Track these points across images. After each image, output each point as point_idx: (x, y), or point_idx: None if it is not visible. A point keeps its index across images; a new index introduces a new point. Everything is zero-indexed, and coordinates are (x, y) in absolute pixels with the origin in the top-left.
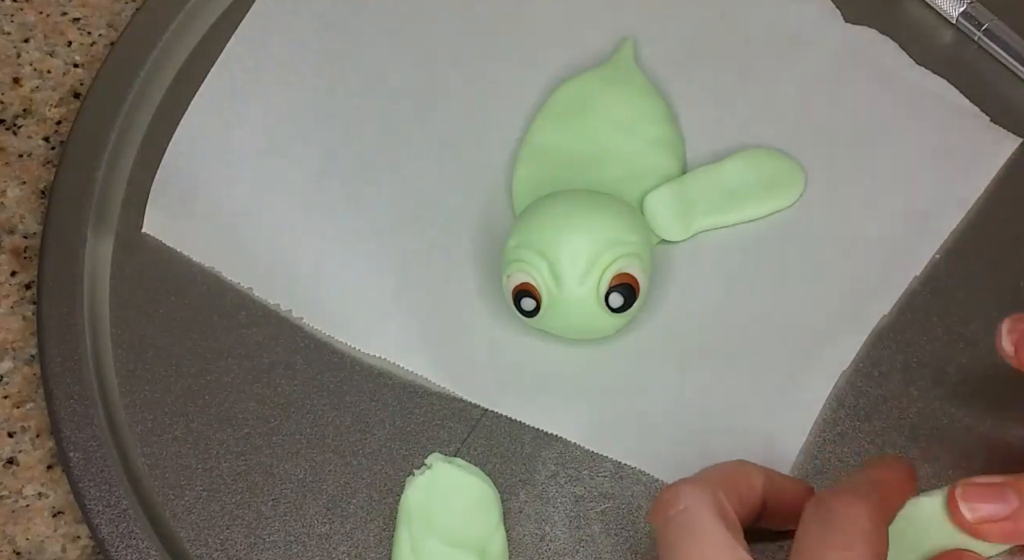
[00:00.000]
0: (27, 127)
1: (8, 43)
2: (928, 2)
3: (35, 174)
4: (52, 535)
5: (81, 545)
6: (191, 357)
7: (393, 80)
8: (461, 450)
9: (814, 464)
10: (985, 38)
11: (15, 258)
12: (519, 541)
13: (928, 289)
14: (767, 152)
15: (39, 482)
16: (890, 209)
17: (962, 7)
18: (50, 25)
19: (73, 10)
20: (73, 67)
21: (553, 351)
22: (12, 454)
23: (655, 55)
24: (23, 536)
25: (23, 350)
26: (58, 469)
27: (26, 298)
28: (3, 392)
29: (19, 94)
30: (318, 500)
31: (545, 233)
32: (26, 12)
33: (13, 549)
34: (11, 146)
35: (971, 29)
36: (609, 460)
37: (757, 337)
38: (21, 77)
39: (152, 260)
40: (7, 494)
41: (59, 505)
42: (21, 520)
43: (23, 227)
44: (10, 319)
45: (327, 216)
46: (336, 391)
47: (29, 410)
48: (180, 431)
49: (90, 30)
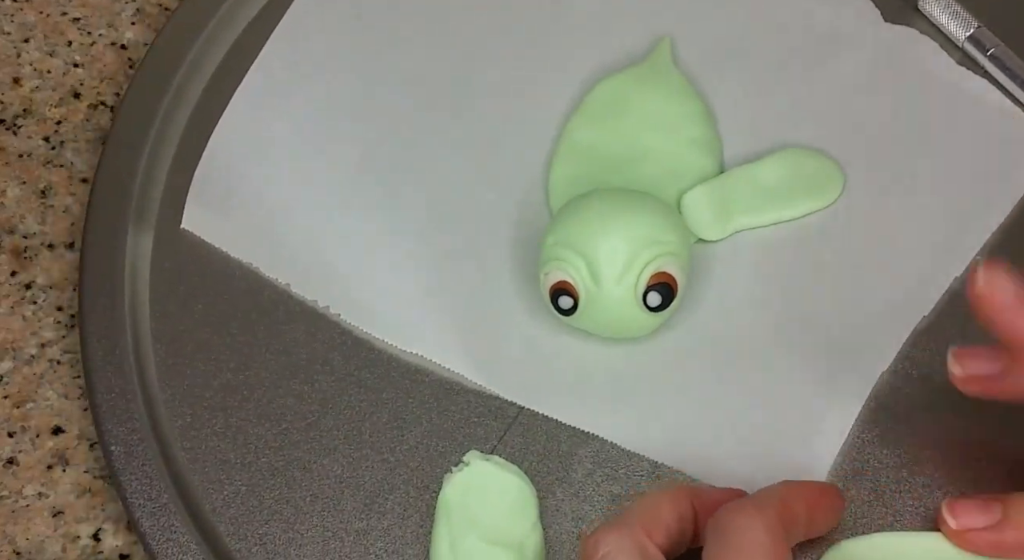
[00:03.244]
0: (27, 127)
1: (8, 43)
2: (936, 24)
3: (35, 174)
4: (52, 535)
5: (81, 545)
6: (230, 352)
7: (430, 78)
8: (497, 448)
9: (854, 466)
10: (991, 63)
11: (15, 258)
12: (556, 539)
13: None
14: (805, 152)
15: (39, 482)
16: (930, 209)
17: (969, 31)
18: (50, 25)
19: (73, 10)
20: (73, 67)
21: (590, 350)
22: (12, 454)
23: (692, 54)
24: (23, 536)
25: (23, 350)
26: (58, 469)
27: (26, 298)
28: (3, 392)
29: (19, 94)
30: (356, 496)
31: (583, 231)
32: (26, 12)
33: (13, 549)
34: (11, 146)
35: (977, 53)
36: (646, 459)
37: (795, 337)
38: (21, 77)
39: (191, 256)
40: (7, 494)
41: (59, 505)
42: (21, 520)
43: (23, 227)
44: (10, 319)
45: (364, 213)
46: (373, 388)
47: (29, 410)
48: (219, 426)
49: (90, 30)
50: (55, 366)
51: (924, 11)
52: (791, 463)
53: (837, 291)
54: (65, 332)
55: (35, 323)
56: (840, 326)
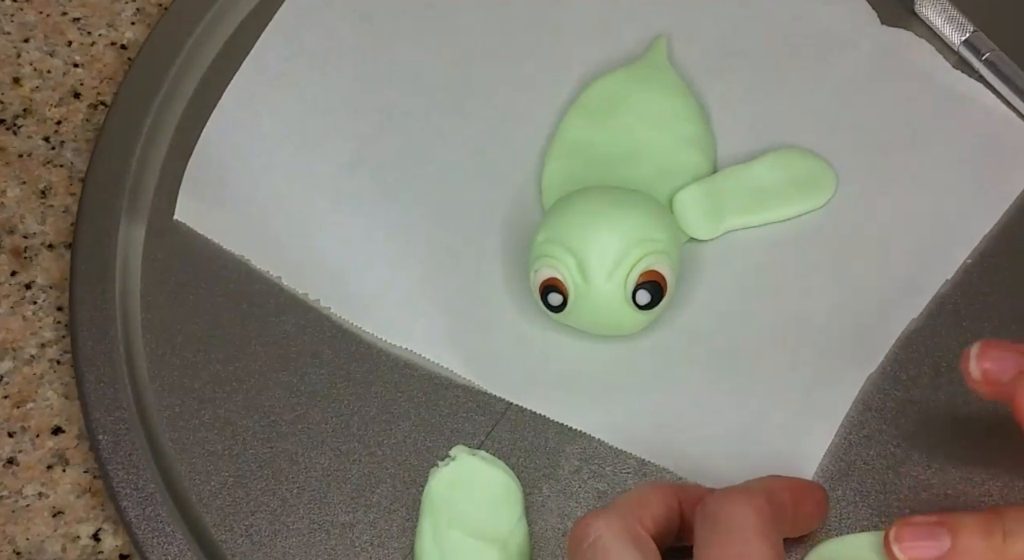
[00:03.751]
0: (27, 127)
1: (8, 43)
2: (932, 28)
3: (35, 174)
4: (52, 535)
5: (81, 545)
6: (220, 344)
7: (425, 74)
8: (485, 443)
9: (840, 466)
10: (985, 67)
11: (15, 258)
12: (541, 535)
13: (959, 293)
14: (799, 152)
15: (39, 482)
16: (922, 212)
17: (965, 35)
18: (50, 25)
19: (73, 10)
20: (73, 67)
21: (579, 347)
22: (12, 454)
23: (688, 53)
24: (23, 536)
25: (23, 350)
26: (58, 469)
27: (26, 298)
28: (3, 392)
29: (19, 94)
30: (342, 489)
31: (573, 229)
32: (26, 12)
33: (13, 549)
34: (11, 146)
35: (972, 57)
36: (633, 457)
37: (784, 338)
38: (21, 77)
39: (183, 247)
40: (7, 494)
41: (59, 505)
42: (21, 520)
43: (23, 227)
44: (10, 319)
45: (357, 208)
46: (362, 381)
47: (29, 410)
48: (208, 417)
49: (90, 30)
50: (55, 366)
51: (920, 14)
52: (778, 462)
53: (827, 292)
54: (65, 332)
55: (35, 323)
56: (829, 327)
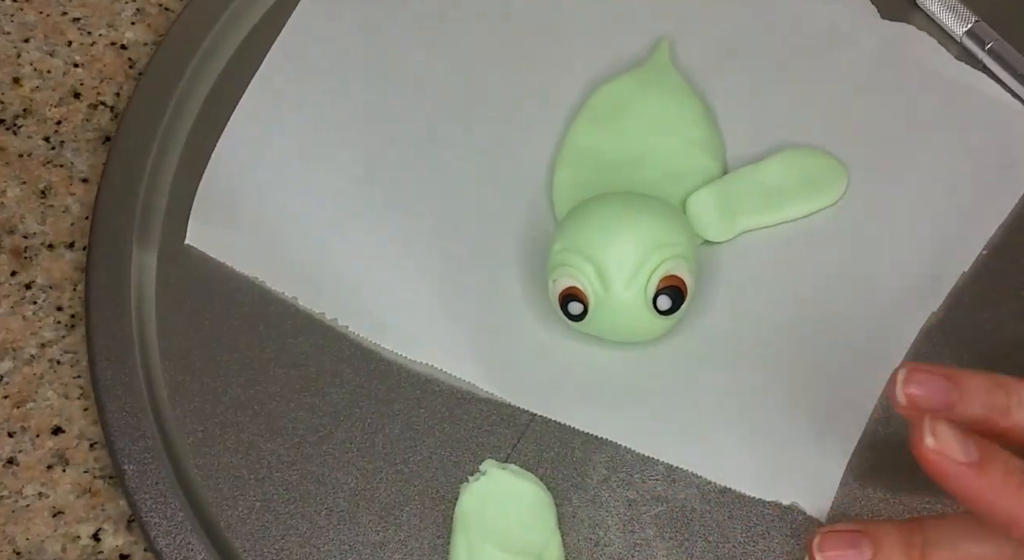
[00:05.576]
0: (27, 127)
1: (8, 43)
2: (935, 19)
3: (35, 174)
4: (52, 535)
5: (81, 545)
6: (239, 367)
7: (433, 85)
8: (511, 455)
9: (866, 462)
10: (989, 57)
11: (15, 258)
12: (574, 546)
13: (976, 285)
14: (808, 151)
15: (39, 482)
16: (935, 205)
17: (967, 26)
18: (50, 25)
19: (73, 10)
20: (73, 67)
21: (600, 355)
22: (12, 454)
23: (691, 55)
24: (23, 536)
25: (23, 350)
26: (58, 469)
27: (26, 298)
28: (3, 392)
29: (19, 94)
30: (371, 508)
31: (591, 236)
32: (26, 12)
33: (13, 549)
34: (11, 146)
35: (976, 48)
36: (661, 463)
37: (805, 336)
38: (21, 77)
39: (196, 271)
40: (7, 494)
41: (59, 505)
42: (21, 520)
43: (23, 227)
44: (10, 319)
45: (370, 223)
46: (384, 399)
47: (29, 410)
48: (231, 442)
49: (90, 30)
50: (55, 366)
51: (922, 6)
52: (804, 462)
53: (845, 289)
54: (65, 332)
55: (35, 323)
56: (849, 323)
